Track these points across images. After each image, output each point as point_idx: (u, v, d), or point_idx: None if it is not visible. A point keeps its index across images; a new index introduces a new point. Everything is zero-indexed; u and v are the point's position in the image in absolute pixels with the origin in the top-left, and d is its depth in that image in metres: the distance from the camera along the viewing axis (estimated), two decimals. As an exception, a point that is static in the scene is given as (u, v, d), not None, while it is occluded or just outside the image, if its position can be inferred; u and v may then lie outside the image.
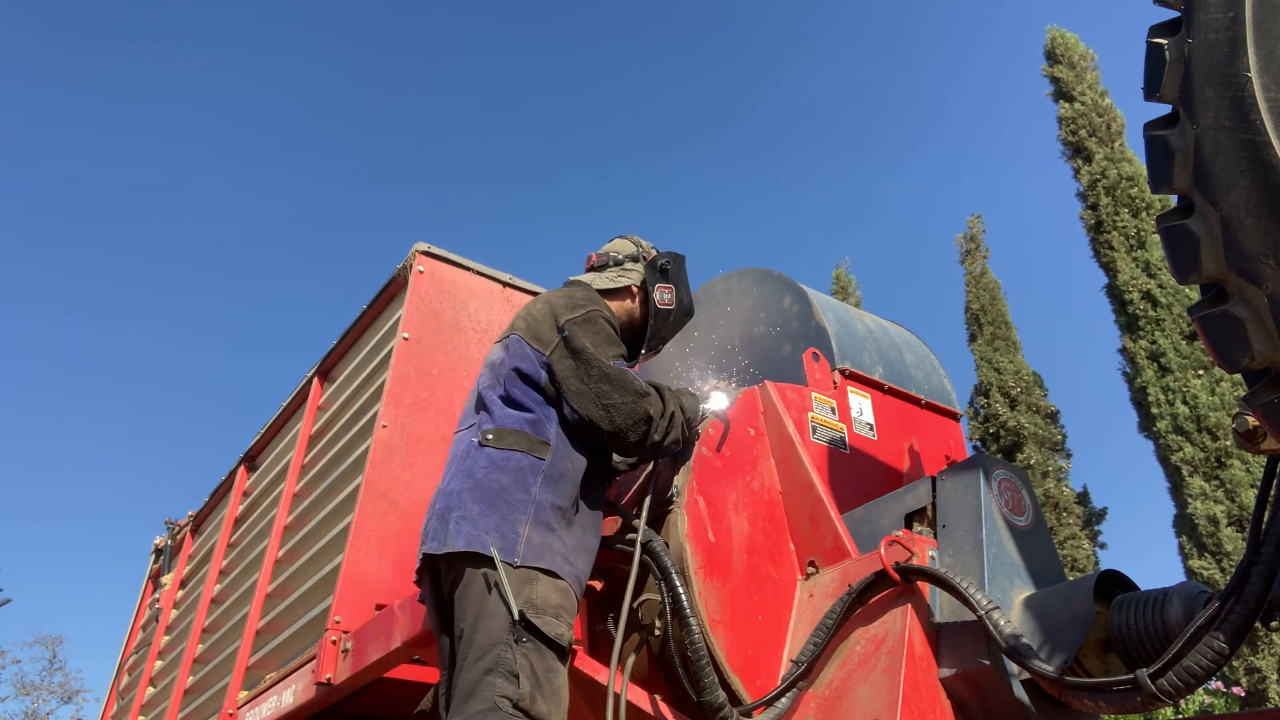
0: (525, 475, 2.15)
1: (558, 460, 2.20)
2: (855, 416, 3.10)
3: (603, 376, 2.20)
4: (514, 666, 1.94)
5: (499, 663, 1.95)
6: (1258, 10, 1.27)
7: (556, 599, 2.06)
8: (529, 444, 2.19)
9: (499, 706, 1.91)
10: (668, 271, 2.58)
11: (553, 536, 2.12)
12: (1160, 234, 1.38)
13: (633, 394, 2.20)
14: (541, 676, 1.97)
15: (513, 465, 2.16)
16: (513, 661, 1.95)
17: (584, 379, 2.20)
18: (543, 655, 1.99)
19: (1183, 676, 1.68)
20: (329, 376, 4.18)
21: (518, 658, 1.96)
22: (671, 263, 2.60)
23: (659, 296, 2.55)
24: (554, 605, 2.04)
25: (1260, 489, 1.61)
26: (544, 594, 2.04)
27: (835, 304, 3.58)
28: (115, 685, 5.81)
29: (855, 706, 2.13)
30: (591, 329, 2.28)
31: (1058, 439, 12.23)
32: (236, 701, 3.62)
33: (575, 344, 2.24)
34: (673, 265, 2.60)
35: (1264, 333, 1.24)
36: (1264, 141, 1.23)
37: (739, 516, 2.58)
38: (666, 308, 2.56)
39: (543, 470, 2.16)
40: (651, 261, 2.59)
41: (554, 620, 2.02)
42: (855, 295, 15.47)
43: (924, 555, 2.28)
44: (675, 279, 2.59)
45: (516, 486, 2.13)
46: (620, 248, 2.64)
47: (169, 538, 5.78)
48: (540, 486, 2.15)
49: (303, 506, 3.82)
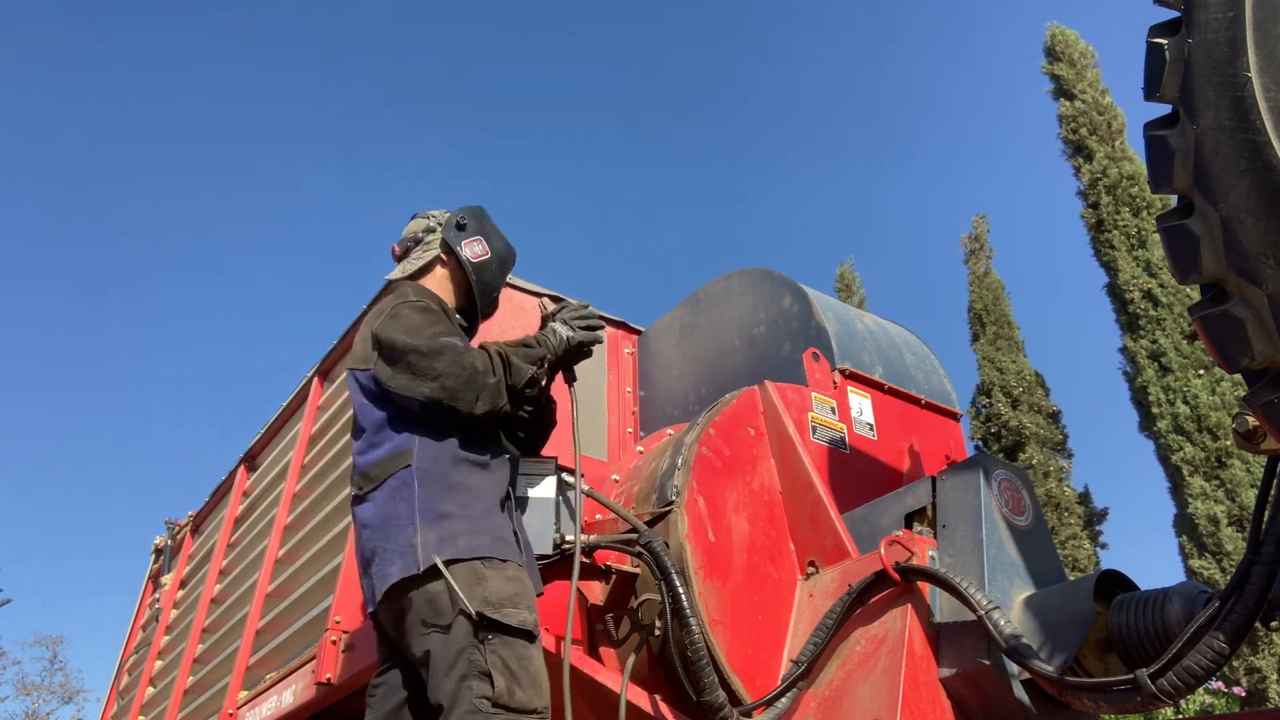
0: (401, 491, 2.12)
1: (424, 453, 2.15)
2: (855, 416, 3.10)
3: (419, 355, 2.14)
4: (484, 666, 1.94)
5: (470, 667, 1.94)
6: (1258, 10, 1.26)
7: (510, 589, 2.04)
8: (393, 463, 2.16)
9: (479, 708, 1.91)
10: (465, 226, 2.51)
11: (449, 521, 2.08)
12: (1160, 234, 1.38)
13: (453, 353, 2.14)
14: (515, 667, 1.96)
15: (388, 493, 2.14)
16: (482, 661, 1.94)
17: (407, 368, 2.15)
18: (511, 646, 1.98)
19: (1183, 676, 1.68)
20: (329, 376, 4.18)
21: (486, 655, 1.95)
22: (467, 216, 2.52)
23: (469, 252, 2.47)
24: (509, 595, 2.02)
25: (1260, 489, 1.61)
26: (496, 588, 2.02)
27: (835, 304, 3.58)
28: (115, 685, 5.82)
29: (855, 706, 2.13)
30: (398, 322, 2.23)
31: (1059, 439, 12.23)
32: (236, 701, 3.62)
33: (386, 341, 2.20)
34: (469, 218, 2.52)
35: (1264, 333, 1.24)
36: (1264, 141, 1.23)
37: (739, 516, 2.58)
38: (481, 258, 2.48)
39: (414, 473, 2.13)
40: (445, 224, 2.52)
41: (513, 610, 2.01)
42: (859, 294, 15.47)
43: (924, 555, 2.28)
44: (479, 229, 2.52)
45: (400, 505, 2.11)
46: (414, 227, 2.57)
47: (169, 538, 5.79)
48: (419, 489, 2.11)
49: (303, 506, 3.82)
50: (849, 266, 15.89)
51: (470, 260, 2.47)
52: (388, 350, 2.20)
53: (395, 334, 2.19)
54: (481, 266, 2.48)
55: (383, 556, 2.09)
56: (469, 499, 2.13)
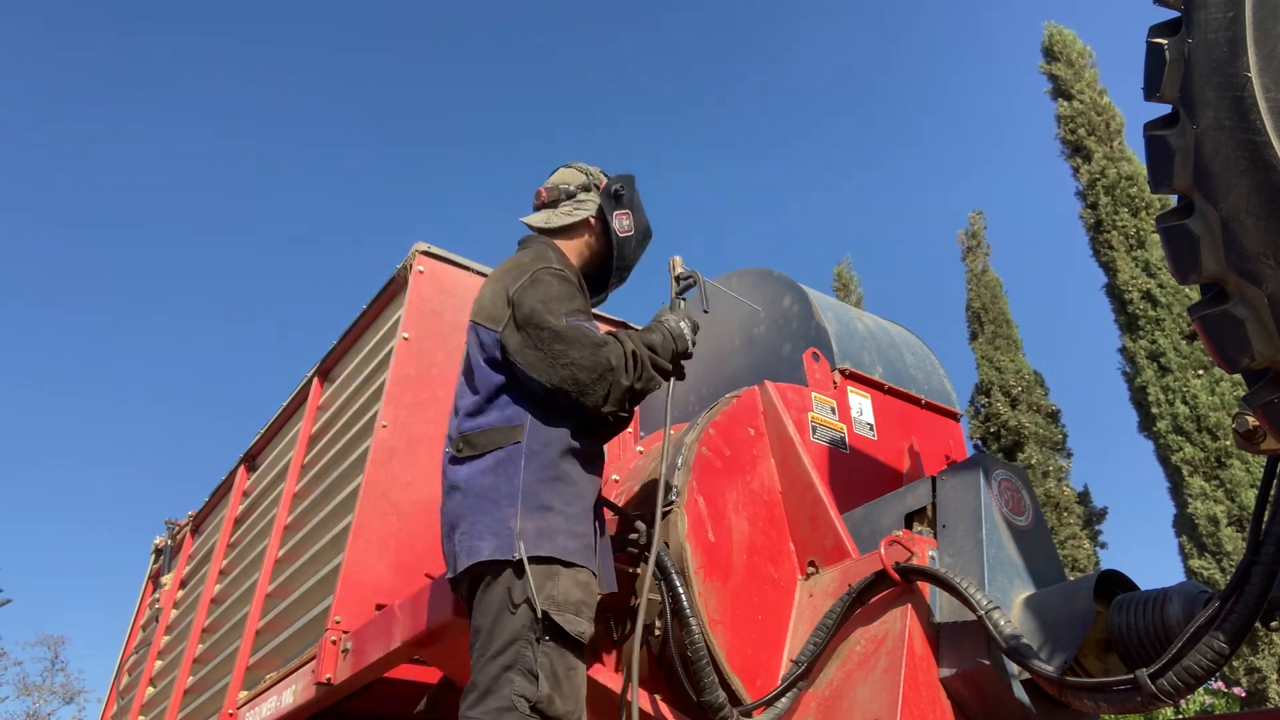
0: (506, 466, 2.07)
1: (535, 434, 2.10)
2: (855, 416, 3.10)
3: (555, 337, 2.07)
4: (533, 665, 1.91)
5: (518, 659, 1.91)
6: (1258, 10, 1.26)
7: (578, 595, 2.01)
8: (501, 437, 2.11)
9: (515, 706, 1.87)
10: (622, 197, 2.44)
11: (551, 515, 2.04)
12: (1160, 234, 1.38)
13: (590, 346, 2.06)
14: (562, 675, 1.94)
15: (491, 464, 2.09)
16: (532, 660, 1.91)
17: (538, 345, 2.08)
18: (564, 655, 1.96)
19: (1183, 676, 1.67)
20: (329, 376, 4.18)
21: (538, 656, 1.92)
22: (625, 187, 2.45)
23: (618, 224, 2.41)
24: (575, 601, 1.99)
25: (1260, 489, 1.61)
26: (565, 589, 1.98)
27: (835, 304, 3.58)
28: (115, 685, 5.82)
29: (855, 706, 2.13)
30: (539, 290, 2.15)
31: (1058, 439, 12.23)
32: (236, 701, 3.62)
33: (524, 310, 2.12)
34: (626, 190, 2.45)
35: (1264, 333, 1.24)
36: (1264, 141, 1.23)
37: (739, 516, 2.58)
38: (627, 234, 2.42)
39: (523, 452, 2.07)
40: (605, 189, 2.45)
41: (575, 617, 1.97)
42: (857, 292, 15.46)
43: (924, 555, 2.28)
44: (630, 203, 2.45)
45: (502, 481, 2.06)
46: (569, 179, 2.49)
47: (169, 538, 5.79)
48: (525, 470, 2.06)
49: (303, 506, 3.82)
50: (846, 265, 15.90)
51: (618, 234, 2.41)
52: (523, 320, 2.11)
53: (535, 303, 2.12)
54: (625, 242, 2.42)
55: (475, 528, 2.04)
56: (571, 495, 2.10)
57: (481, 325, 2.21)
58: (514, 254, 2.41)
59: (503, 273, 2.29)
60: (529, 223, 2.47)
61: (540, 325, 2.09)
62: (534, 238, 2.43)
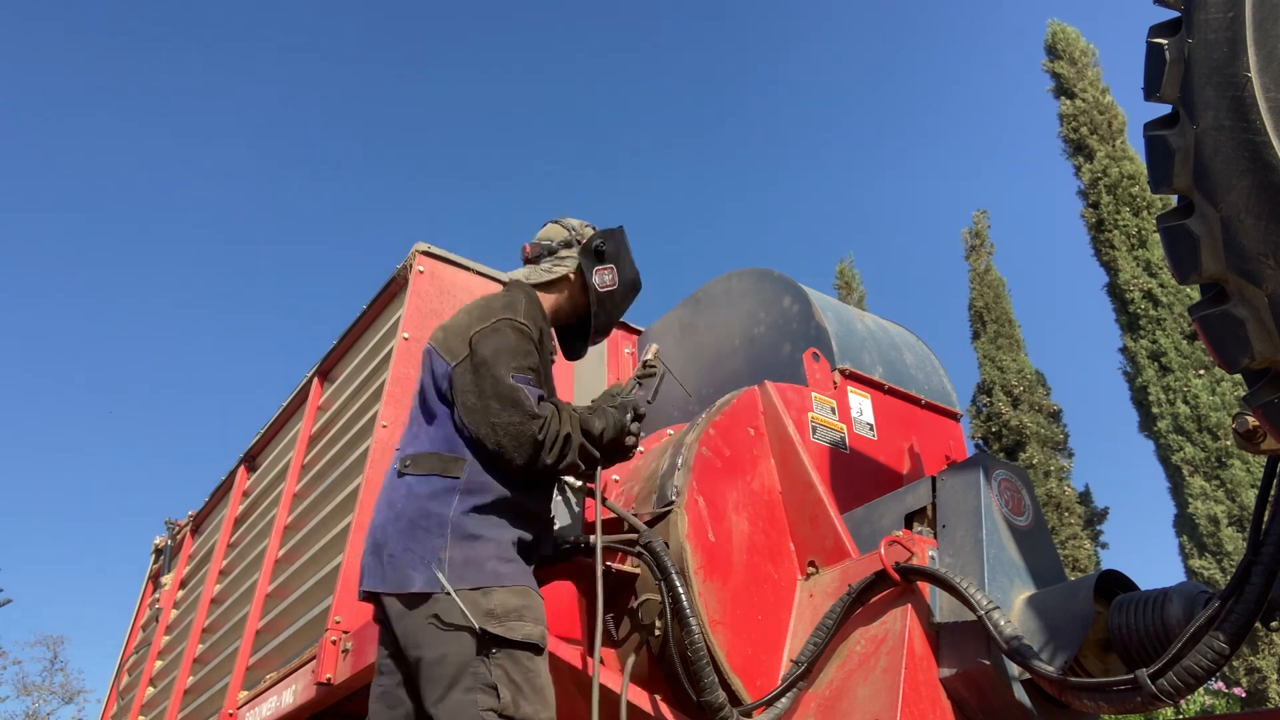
0: (444, 496, 2.12)
1: (474, 474, 2.15)
2: (855, 416, 3.10)
3: (494, 394, 2.13)
4: (490, 679, 1.95)
5: (475, 680, 1.95)
6: (1258, 10, 1.26)
7: (515, 601, 2.04)
8: (443, 464, 2.16)
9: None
10: (604, 253, 2.48)
11: (479, 544, 2.08)
12: (1160, 234, 1.38)
13: (522, 414, 2.11)
14: (520, 680, 1.97)
15: (429, 490, 2.14)
16: (487, 675, 1.95)
17: (479, 394, 2.14)
18: (516, 660, 1.98)
19: (1183, 676, 1.67)
20: (329, 376, 4.18)
21: (492, 670, 1.96)
22: (607, 241, 2.49)
23: (598, 280, 2.46)
24: (515, 608, 2.02)
25: (1260, 489, 1.61)
26: (501, 600, 2.02)
27: (835, 304, 3.58)
28: (115, 685, 5.82)
29: (855, 706, 2.13)
30: (496, 339, 2.21)
31: (1060, 438, 12.22)
32: (236, 701, 3.62)
33: (477, 356, 2.18)
34: (608, 244, 2.49)
35: (1264, 333, 1.24)
36: (1264, 141, 1.23)
37: (739, 516, 2.58)
38: (608, 289, 2.47)
39: (459, 488, 2.13)
40: (585, 245, 2.49)
41: (518, 623, 2.01)
42: (859, 291, 15.45)
43: (924, 555, 2.28)
44: (614, 257, 2.50)
45: (434, 510, 2.11)
46: (552, 234, 2.54)
47: (169, 538, 5.78)
48: (457, 505, 2.12)
49: (303, 506, 3.82)
50: (848, 264, 15.88)
51: (598, 289, 2.47)
52: (476, 364, 2.17)
53: (488, 353, 2.18)
54: (607, 297, 2.48)
55: (406, 556, 2.07)
56: (504, 525, 2.14)
57: (438, 354, 2.27)
58: (497, 293, 2.47)
59: (475, 307, 2.35)
60: (513, 278, 2.53)
61: (485, 376, 2.15)
62: (517, 284, 2.48)
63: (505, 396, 2.12)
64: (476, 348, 2.19)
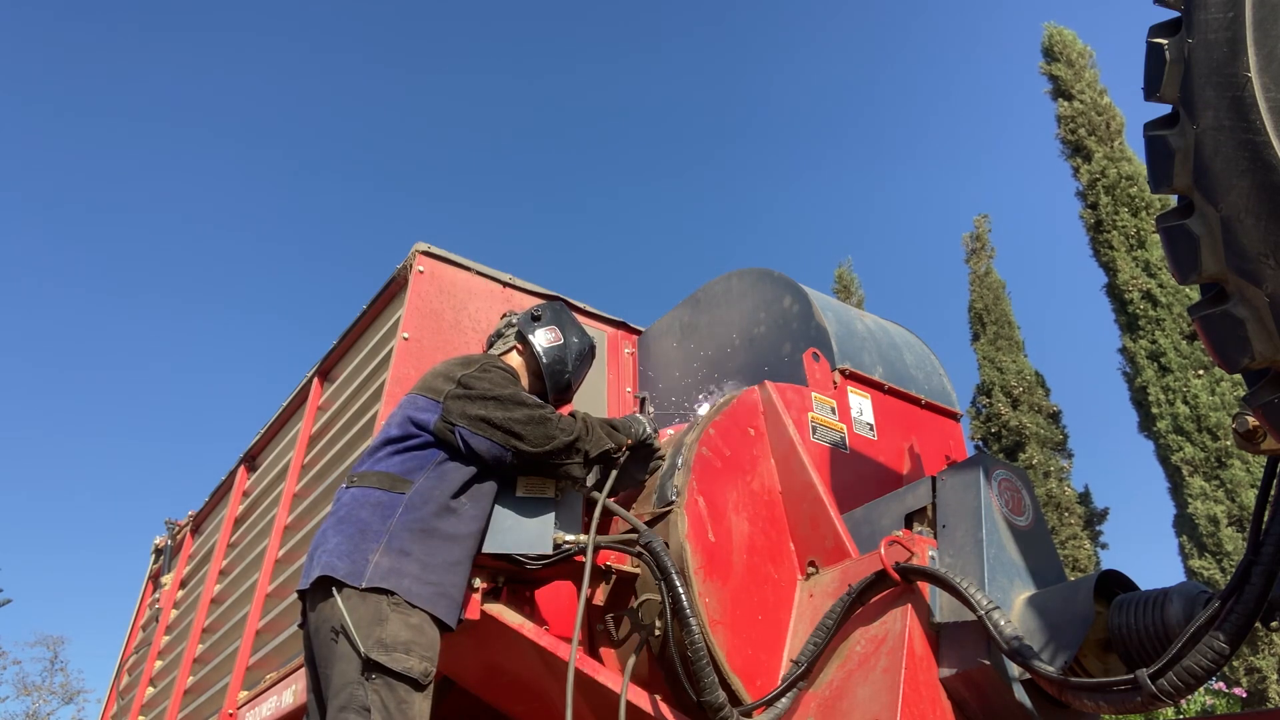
0: (384, 509, 2.25)
1: (420, 492, 2.28)
2: (855, 416, 3.10)
3: (498, 404, 2.32)
4: (365, 702, 2.04)
5: (352, 700, 2.04)
6: (1258, 10, 1.26)
7: (406, 635, 2.12)
8: (390, 482, 2.29)
9: None
10: (540, 317, 2.71)
11: (406, 560, 2.19)
12: (1160, 234, 1.38)
13: (534, 408, 2.33)
14: (394, 709, 2.05)
15: (372, 501, 2.27)
16: (364, 698, 2.04)
17: (486, 408, 2.32)
18: (393, 690, 2.06)
19: (1183, 677, 1.67)
20: (329, 376, 4.18)
21: (369, 694, 2.04)
22: (544, 309, 2.73)
23: (541, 338, 2.66)
24: (403, 641, 2.11)
25: (1260, 489, 1.61)
26: (393, 632, 2.10)
27: (835, 304, 3.58)
28: (115, 685, 5.81)
29: (855, 706, 2.13)
30: (489, 375, 2.41)
31: (1059, 439, 12.22)
32: (236, 701, 3.62)
33: (473, 389, 2.36)
34: (546, 310, 2.73)
35: (1264, 333, 1.24)
36: (1264, 141, 1.23)
37: (739, 517, 2.58)
38: (554, 344, 2.67)
39: (402, 504, 2.26)
40: (522, 316, 2.73)
41: (403, 655, 2.09)
42: (857, 294, 15.45)
43: (924, 555, 2.28)
44: (555, 320, 2.72)
45: (375, 520, 2.23)
46: (498, 324, 2.81)
47: (169, 538, 5.78)
48: (399, 518, 2.24)
49: (303, 506, 3.82)
50: (847, 267, 15.89)
51: (542, 345, 2.66)
52: (476, 395, 2.35)
53: (484, 385, 2.38)
54: (551, 351, 2.66)
55: (338, 550, 2.19)
56: (434, 548, 2.24)
57: (421, 395, 2.43)
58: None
59: (448, 363, 2.53)
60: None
61: (486, 395, 2.35)
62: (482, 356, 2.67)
63: (507, 399, 2.34)
64: (469, 384, 2.38)
